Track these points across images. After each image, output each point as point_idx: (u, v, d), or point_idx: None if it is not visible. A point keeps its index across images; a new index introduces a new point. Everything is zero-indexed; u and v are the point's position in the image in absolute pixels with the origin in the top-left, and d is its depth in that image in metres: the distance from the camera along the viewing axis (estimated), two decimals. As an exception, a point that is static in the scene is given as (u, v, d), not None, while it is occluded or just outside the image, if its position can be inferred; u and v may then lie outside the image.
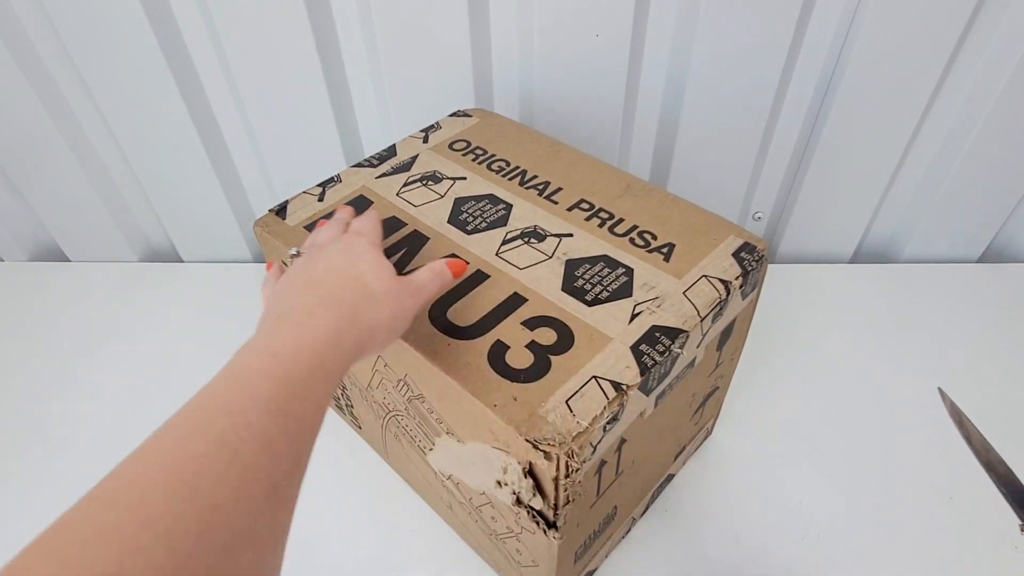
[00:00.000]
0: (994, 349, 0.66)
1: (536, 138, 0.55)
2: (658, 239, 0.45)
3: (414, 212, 0.48)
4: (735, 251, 0.43)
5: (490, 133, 0.56)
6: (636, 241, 0.44)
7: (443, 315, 0.40)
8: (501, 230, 0.46)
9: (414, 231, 0.46)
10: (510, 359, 0.37)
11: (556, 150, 0.54)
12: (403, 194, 0.50)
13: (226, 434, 0.23)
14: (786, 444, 0.58)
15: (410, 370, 0.41)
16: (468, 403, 0.36)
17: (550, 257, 0.44)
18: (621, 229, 0.45)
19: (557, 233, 0.45)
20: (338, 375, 0.29)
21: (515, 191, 0.49)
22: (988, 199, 0.72)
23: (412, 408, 0.44)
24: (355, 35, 0.64)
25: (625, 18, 0.61)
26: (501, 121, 0.58)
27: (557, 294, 0.41)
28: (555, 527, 0.37)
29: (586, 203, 0.48)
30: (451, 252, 0.44)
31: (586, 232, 0.45)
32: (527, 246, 0.44)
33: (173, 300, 0.77)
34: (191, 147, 0.70)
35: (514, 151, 0.54)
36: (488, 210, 0.48)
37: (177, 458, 0.22)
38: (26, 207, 0.80)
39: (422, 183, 0.51)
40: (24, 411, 0.65)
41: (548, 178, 0.50)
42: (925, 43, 0.60)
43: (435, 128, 0.57)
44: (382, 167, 0.53)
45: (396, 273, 0.35)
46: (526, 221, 0.47)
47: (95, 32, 0.62)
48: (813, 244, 0.78)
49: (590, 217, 0.47)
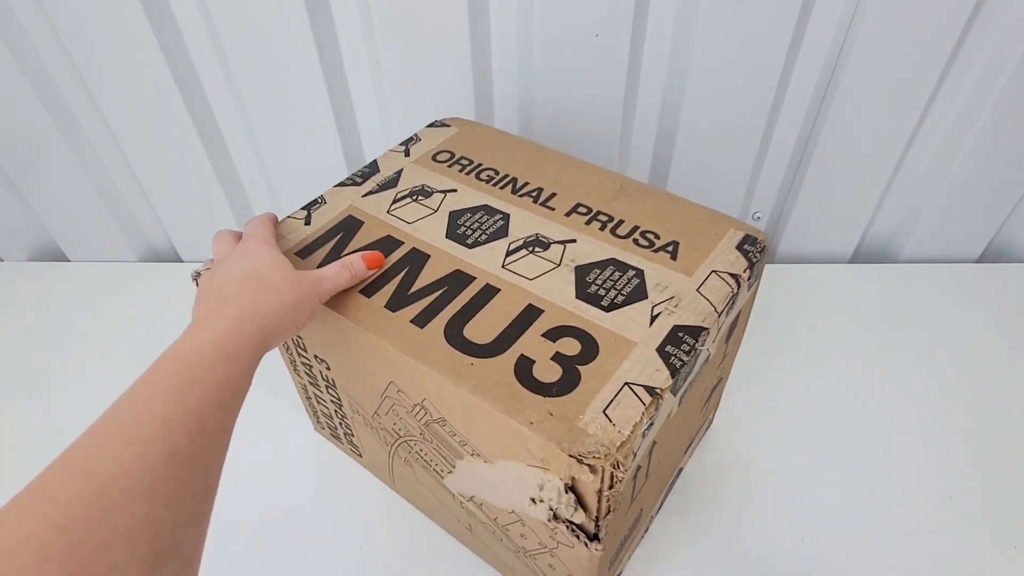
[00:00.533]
0: (993, 349, 0.66)
1: (520, 144, 0.55)
2: (661, 238, 0.45)
3: (409, 229, 0.47)
4: (738, 244, 0.44)
5: (472, 142, 0.55)
6: (640, 242, 0.44)
7: (460, 334, 0.39)
8: (503, 241, 0.45)
9: (413, 249, 0.45)
10: (538, 373, 0.36)
11: (542, 155, 0.53)
12: (394, 211, 0.48)
13: (127, 422, 0.28)
14: (786, 443, 0.59)
15: (429, 394, 0.39)
16: (500, 423, 0.35)
17: (558, 265, 0.43)
18: (623, 231, 0.45)
19: (560, 240, 0.45)
20: (246, 357, 0.34)
21: (509, 200, 0.49)
22: (987, 199, 0.72)
23: (429, 432, 0.43)
24: (355, 35, 0.64)
25: (625, 18, 0.60)
26: (481, 129, 0.57)
27: (573, 302, 0.40)
28: (597, 539, 0.36)
29: (583, 207, 0.48)
30: (455, 268, 0.43)
31: (589, 236, 0.45)
32: (533, 255, 0.44)
33: (173, 300, 0.75)
34: (191, 146, 0.71)
35: (500, 159, 0.53)
36: (486, 222, 0.47)
37: (83, 454, 0.27)
38: (26, 207, 0.80)
39: (412, 198, 0.49)
40: (23, 411, 0.65)
41: (540, 184, 0.50)
42: (925, 43, 0.60)
43: (415, 140, 0.56)
44: (367, 184, 0.51)
45: (293, 267, 0.40)
46: (526, 230, 0.46)
47: (95, 32, 0.62)
48: (813, 244, 0.78)
49: (590, 221, 0.46)
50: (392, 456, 0.51)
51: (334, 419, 0.55)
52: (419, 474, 0.49)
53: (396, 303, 0.41)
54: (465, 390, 0.36)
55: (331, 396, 0.52)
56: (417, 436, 0.44)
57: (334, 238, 0.46)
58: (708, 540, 0.52)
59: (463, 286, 0.42)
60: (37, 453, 0.61)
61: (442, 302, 0.41)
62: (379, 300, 0.41)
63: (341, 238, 0.46)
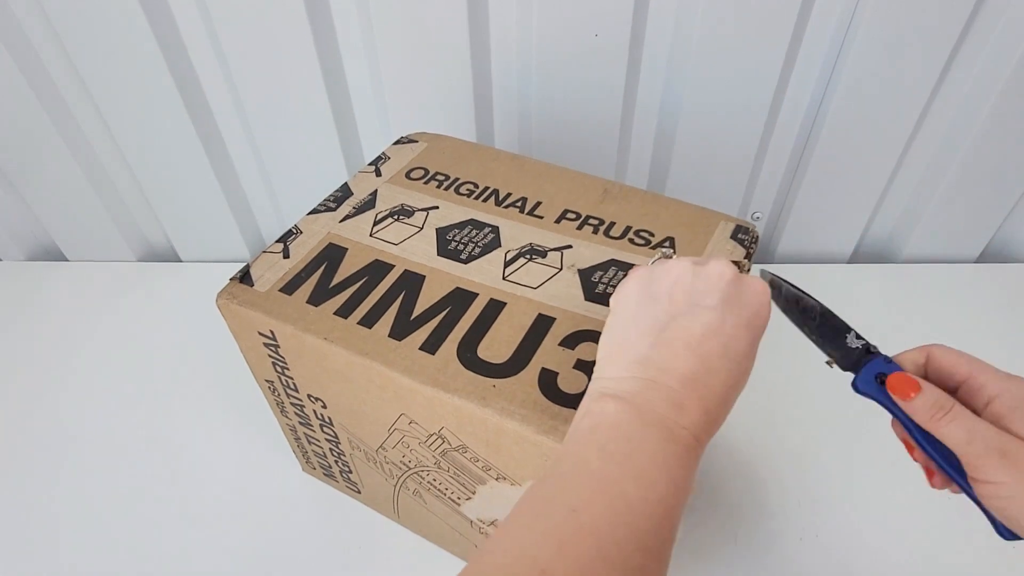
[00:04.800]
0: (993, 349, 0.66)
1: (495, 155, 0.54)
2: (656, 235, 0.45)
3: (397, 251, 0.45)
4: (732, 234, 0.44)
5: (445, 157, 0.54)
6: (635, 241, 0.44)
7: (475, 355, 0.37)
8: (498, 252, 0.44)
9: (405, 271, 0.43)
10: (564, 385, 0.35)
11: (519, 164, 0.52)
12: (377, 234, 0.46)
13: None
14: (786, 443, 0.59)
15: (447, 422, 0.37)
16: (532, 444, 0.34)
17: (560, 270, 0.42)
18: (616, 232, 0.45)
19: (556, 247, 0.44)
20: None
21: (495, 212, 0.47)
22: (986, 199, 0.72)
23: (446, 461, 0.41)
24: (354, 35, 0.64)
25: (624, 18, 0.60)
26: (451, 142, 0.55)
27: (584, 305, 0.40)
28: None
29: (571, 213, 0.47)
30: (455, 286, 0.41)
31: (583, 241, 0.44)
32: (532, 263, 0.43)
33: (172, 300, 0.77)
34: (189, 146, 0.70)
35: (477, 171, 0.51)
36: (476, 236, 0.45)
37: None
38: (24, 207, 0.79)
39: (394, 219, 0.47)
40: (23, 411, 0.65)
41: (523, 194, 0.49)
42: (924, 43, 0.60)
43: (384, 159, 0.54)
44: (342, 208, 0.49)
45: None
46: (519, 240, 0.45)
47: (94, 33, 0.62)
48: (812, 244, 0.78)
49: (581, 226, 0.46)
50: (398, 489, 0.48)
51: (328, 458, 0.52)
52: (431, 504, 0.47)
53: (400, 331, 0.39)
54: (493, 414, 0.34)
55: (326, 435, 0.49)
56: (431, 466, 0.42)
57: (319, 268, 0.44)
58: (708, 540, 0.52)
59: (467, 304, 0.40)
60: (36, 453, 0.62)
61: (448, 323, 0.39)
62: (381, 329, 0.39)
63: (327, 267, 0.43)
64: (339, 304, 0.41)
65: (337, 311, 0.40)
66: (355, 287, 0.42)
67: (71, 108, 0.69)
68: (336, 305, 0.41)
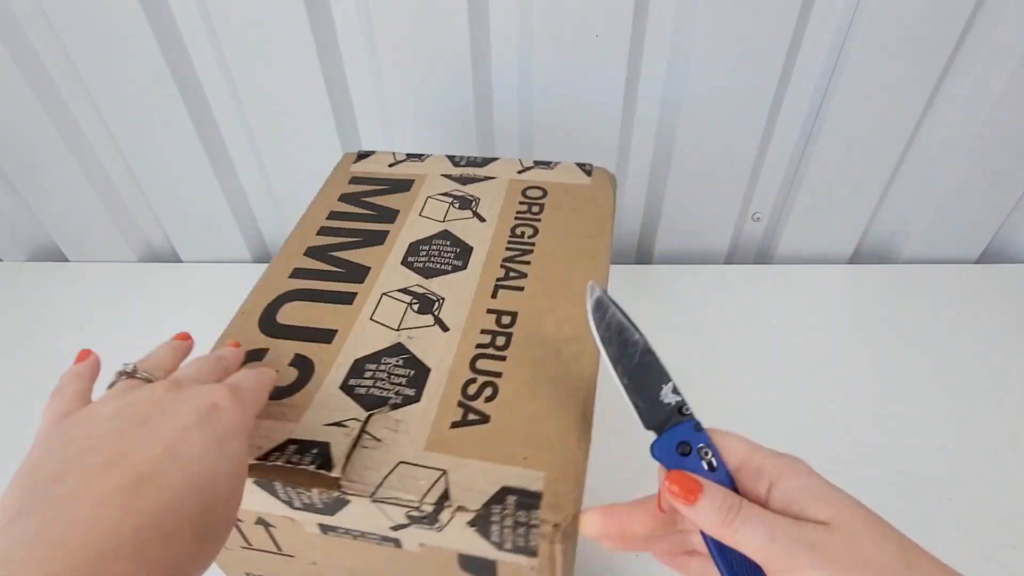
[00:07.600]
0: (993, 349, 0.65)
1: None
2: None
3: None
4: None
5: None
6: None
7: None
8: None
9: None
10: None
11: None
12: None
13: None
14: (785, 444, 0.57)
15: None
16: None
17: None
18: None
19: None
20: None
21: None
22: (986, 199, 0.72)
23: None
24: (355, 35, 0.64)
25: (624, 18, 0.60)
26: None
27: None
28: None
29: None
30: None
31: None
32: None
33: (172, 300, 0.77)
34: (190, 147, 0.70)
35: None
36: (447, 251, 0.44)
37: None
38: (25, 207, 0.80)
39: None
40: (23, 411, 0.63)
41: None
42: (924, 43, 0.60)
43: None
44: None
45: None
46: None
47: (95, 33, 0.62)
48: (812, 244, 0.78)
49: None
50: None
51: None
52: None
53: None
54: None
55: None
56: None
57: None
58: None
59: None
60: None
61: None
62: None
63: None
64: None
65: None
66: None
67: (71, 109, 0.70)
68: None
